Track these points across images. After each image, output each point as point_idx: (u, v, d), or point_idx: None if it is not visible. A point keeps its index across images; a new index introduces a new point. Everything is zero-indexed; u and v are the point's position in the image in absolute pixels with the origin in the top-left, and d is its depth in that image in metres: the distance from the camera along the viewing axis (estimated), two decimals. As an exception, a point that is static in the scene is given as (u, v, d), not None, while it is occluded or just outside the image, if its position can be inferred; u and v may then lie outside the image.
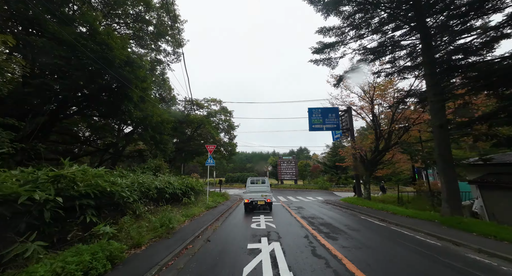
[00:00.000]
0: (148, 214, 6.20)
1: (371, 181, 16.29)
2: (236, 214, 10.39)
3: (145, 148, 15.28)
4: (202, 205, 11.35)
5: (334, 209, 11.46)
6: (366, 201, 13.07)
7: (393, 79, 12.92)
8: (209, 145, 13.88)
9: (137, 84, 10.07)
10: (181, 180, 10.93)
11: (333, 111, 16.80)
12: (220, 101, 22.67)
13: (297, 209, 11.65)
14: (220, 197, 16.58)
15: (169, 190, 8.61)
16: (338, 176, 30.61)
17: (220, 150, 24.38)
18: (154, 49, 17.52)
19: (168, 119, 13.44)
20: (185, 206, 10.29)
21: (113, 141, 13.15)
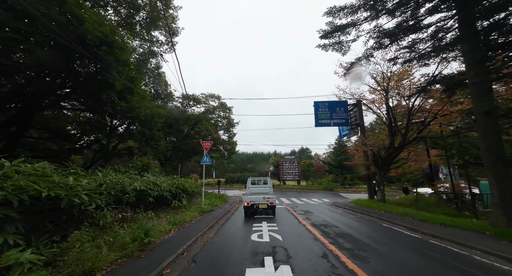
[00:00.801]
0: (116, 225, 4.79)
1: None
2: (234, 219, 8.99)
3: (135, 145, 13.91)
4: (196, 209, 9.96)
5: (347, 214, 10.02)
6: (381, 204, 11.61)
7: (411, 66, 11.47)
8: (205, 142, 12.48)
9: (120, 70, 8.70)
10: (171, 181, 9.55)
11: (342, 105, 15.36)
12: (219, 96, 21.31)
13: (304, 213, 10.22)
14: (217, 199, 15.18)
15: (153, 192, 7.21)
16: (344, 176, 29.14)
17: (219, 148, 23.00)
18: (147, 40, 16.20)
19: (160, 114, 12.06)
20: (175, 211, 8.90)
21: (98, 138, 11.81)
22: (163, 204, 8.54)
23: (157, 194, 7.42)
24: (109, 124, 11.93)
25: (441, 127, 11.91)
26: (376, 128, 20.19)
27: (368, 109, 15.64)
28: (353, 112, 16.49)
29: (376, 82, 13.12)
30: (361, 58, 11.23)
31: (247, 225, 7.54)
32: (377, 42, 10.49)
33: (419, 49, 10.26)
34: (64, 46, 6.70)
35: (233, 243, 5.40)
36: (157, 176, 9.70)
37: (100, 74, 8.22)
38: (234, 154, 23.42)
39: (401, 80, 12.56)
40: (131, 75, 10.18)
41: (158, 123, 12.90)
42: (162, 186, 8.07)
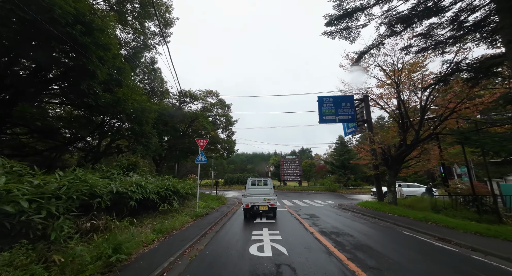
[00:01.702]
0: (75, 238, 3.74)
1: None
2: (231, 225, 7.94)
3: (124, 143, 12.86)
4: (189, 213, 8.93)
5: (357, 218, 8.97)
6: (393, 207, 10.57)
7: (426, 56, 10.45)
8: (200, 139, 11.46)
9: (102, 57, 7.68)
10: (161, 182, 8.51)
11: (348, 100, 14.33)
12: (217, 93, 20.26)
13: (310, 217, 9.17)
14: (214, 201, 14.15)
15: (136, 195, 6.17)
16: (347, 177, 28.08)
17: (217, 147, 21.96)
18: (140, 32, 15.19)
19: (151, 108, 11.03)
20: (164, 216, 7.86)
21: (82, 135, 10.76)
22: (150, 208, 7.50)
23: (141, 196, 6.38)
24: (96, 120, 10.88)
25: (458, 123, 10.89)
26: (383, 125, 19.18)
27: (376, 105, 14.61)
28: (359, 108, 15.48)
29: (386, 75, 12.09)
30: (371, 46, 10.22)
31: (245, 233, 6.50)
32: (389, 28, 9.50)
33: (437, 35, 9.27)
34: (31, 24, 5.69)
35: (227, 258, 4.35)
36: (145, 176, 8.68)
37: (78, 60, 7.21)
38: (233, 153, 22.37)
39: (412, 72, 11.54)
40: (117, 65, 9.18)
41: (150, 119, 11.88)
42: (149, 187, 7.03)
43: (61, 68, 8.11)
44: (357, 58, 11.13)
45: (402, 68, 11.27)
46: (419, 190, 17.92)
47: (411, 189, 18.54)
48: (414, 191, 17.92)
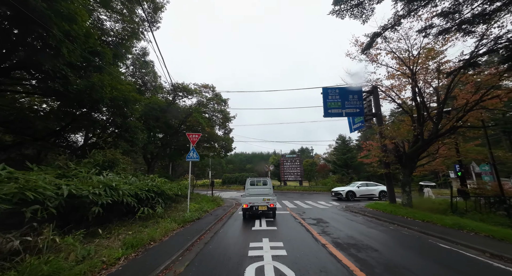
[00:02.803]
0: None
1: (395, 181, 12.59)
2: (225, 233, 6.65)
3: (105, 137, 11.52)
4: (177, 218, 7.64)
5: (373, 224, 7.70)
6: (409, 210, 9.34)
7: (447, 39, 9.20)
8: (191, 133, 10.17)
9: (69, 32, 6.38)
10: (142, 182, 7.21)
11: (355, 91, 13.08)
12: (213, 87, 18.96)
13: (317, 223, 7.90)
14: (209, 203, 12.84)
15: (102, 198, 4.87)
16: (350, 176, 26.86)
17: (214, 146, 20.65)
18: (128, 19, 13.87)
19: (136, 99, 9.72)
20: (144, 222, 6.56)
21: (53, 128, 9.45)
22: (126, 213, 6.20)
23: (110, 200, 5.07)
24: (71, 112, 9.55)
25: (483, 114, 9.67)
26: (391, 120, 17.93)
27: (386, 98, 13.36)
28: (366, 101, 14.25)
29: (401, 62, 10.82)
30: (386, 26, 8.96)
31: (241, 245, 5.22)
32: (408, 4, 8.26)
33: (461, 12, 8.04)
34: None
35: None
36: (124, 176, 7.38)
37: (32, 30, 5.90)
38: (230, 151, 21.06)
39: (429, 59, 10.32)
40: (93, 46, 7.89)
41: (136, 112, 10.58)
42: (123, 189, 5.72)
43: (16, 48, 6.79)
44: (369, 42, 9.86)
45: (419, 54, 10.01)
46: (376, 189, 16.96)
47: (369, 187, 17.33)
48: (371, 190, 17.01)
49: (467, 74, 9.00)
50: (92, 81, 7.47)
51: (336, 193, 17.43)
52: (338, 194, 17.21)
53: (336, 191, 17.78)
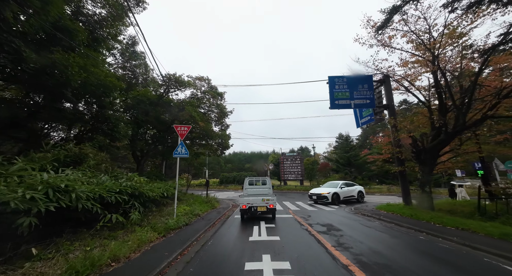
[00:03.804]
0: None
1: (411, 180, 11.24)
2: (215, 246, 5.29)
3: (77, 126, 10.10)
4: (159, 226, 6.29)
5: (398, 233, 6.35)
6: (433, 214, 8.03)
7: (477, 13, 7.87)
8: (179, 125, 8.82)
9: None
10: (110, 182, 5.83)
11: (366, 80, 11.76)
12: (208, 79, 17.58)
13: (327, 231, 6.56)
14: (202, 205, 11.51)
15: (41, 205, 3.50)
16: (353, 175, 25.59)
17: (209, 143, 19.26)
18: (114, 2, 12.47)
19: (114, 85, 8.32)
20: (112, 233, 5.19)
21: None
22: (87, 222, 4.83)
23: (54, 207, 3.71)
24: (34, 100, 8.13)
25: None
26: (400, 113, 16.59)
27: (399, 88, 12.07)
28: (376, 93, 12.94)
29: (421, 43, 9.49)
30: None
31: (233, 267, 3.87)
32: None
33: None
34: None
35: None
36: (91, 174, 6.01)
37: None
38: (228, 148, 19.65)
39: (454, 39, 9.01)
40: (55, 18, 6.52)
41: (115, 101, 9.21)
42: (78, 190, 4.35)
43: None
44: (386, 19, 8.55)
45: (442, 35, 8.68)
46: (355, 189, 15.14)
47: (350, 188, 14.97)
48: (352, 191, 14.86)
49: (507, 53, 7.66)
50: (52, 58, 6.07)
51: (319, 196, 13.59)
52: (321, 197, 13.43)
53: (317, 193, 13.87)
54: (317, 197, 13.79)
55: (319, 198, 13.67)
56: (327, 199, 13.26)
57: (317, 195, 13.87)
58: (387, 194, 23.03)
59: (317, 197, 13.84)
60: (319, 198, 13.70)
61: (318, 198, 13.78)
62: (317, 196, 13.79)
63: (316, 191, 14.61)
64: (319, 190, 14.38)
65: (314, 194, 14.22)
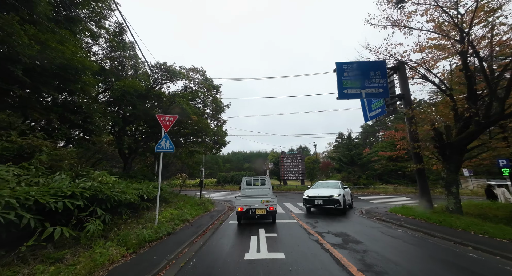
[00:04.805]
0: None
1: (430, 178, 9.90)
2: (199, 267, 3.91)
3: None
4: (130, 238, 4.93)
5: (437, 247, 5.02)
6: (465, 219, 6.71)
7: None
8: (162, 115, 7.44)
9: None
10: (59, 183, 4.44)
11: (378, 67, 10.42)
12: (203, 70, 16.20)
13: (344, 243, 5.21)
14: (194, 208, 10.16)
15: None
16: (357, 175, 24.31)
17: (205, 140, 17.88)
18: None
19: (83, 65, 6.91)
20: (60, 252, 3.81)
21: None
22: (12, 240, 3.45)
23: None
24: None
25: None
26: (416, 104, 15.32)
27: (414, 76, 10.78)
28: (388, 82, 11.61)
29: (448, 20, 8.15)
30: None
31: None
32: None
33: None
34: None
35: None
36: (41, 171, 4.63)
37: None
38: (224, 146, 18.27)
39: (486, 14, 7.69)
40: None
41: (88, 85, 7.80)
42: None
43: None
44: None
45: (476, 7, 7.33)
46: (348, 192, 11.86)
47: (346, 189, 11.43)
48: (348, 193, 11.46)
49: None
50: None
51: (328, 201, 9.43)
52: (331, 201, 9.38)
53: (322, 196, 9.66)
54: (324, 201, 9.46)
55: (328, 203, 9.39)
56: (339, 204, 9.24)
57: (323, 199, 9.51)
58: (393, 194, 21.80)
59: (323, 201, 9.49)
60: (327, 203, 9.41)
61: (325, 203, 9.44)
62: (324, 200, 9.47)
63: (317, 192, 10.12)
64: (322, 192, 10.07)
65: (316, 197, 9.70)
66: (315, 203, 9.75)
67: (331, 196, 9.52)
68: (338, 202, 9.29)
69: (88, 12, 12.04)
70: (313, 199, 9.82)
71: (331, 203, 9.38)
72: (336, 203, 9.29)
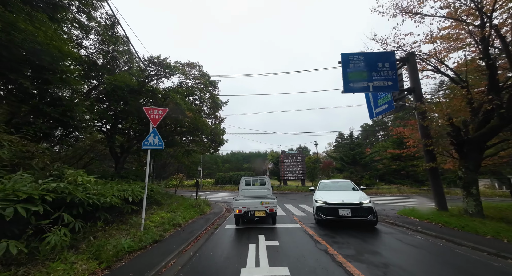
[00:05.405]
0: None
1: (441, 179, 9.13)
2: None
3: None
4: (105, 250, 4.15)
5: (469, 258, 4.22)
6: (492, 224, 5.97)
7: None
8: (150, 107, 6.68)
9: None
10: (28, 183, 3.67)
11: (386, 58, 9.68)
12: (199, 65, 15.42)
13: (358, 253, 4.45)
14: (188, 210, 9.43)
15: None
16: (360, 175, 23.59)
17: (202, 139, 17.09)
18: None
19: (61, 50, 6.13)
20: (5, 273, 3.03)
21: None
22: None
23: None
24: None
25: None
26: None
27: (424, 68, 10.05)
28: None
29: (469, 3, 7.41)
30: None
31: None
32: None
33: None
34: None
35: None
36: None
37: None
38: (222, 144, 17.48)
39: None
40: None
41: (67, 75, 7.01)
42: None
43: None
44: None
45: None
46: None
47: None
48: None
49: None
50: None
51: (358, 209, 6.49)
52: (362, 210, 6.46)
53: (348, 203, 6.60)
54: (353, 210, 6.41)
55: (358, 213, 6.39)
56: (373, 215, 6.44)
57: (351, 208, 6.44)
58: (397, 194, 21.08)
59: (352, 210, 6.40)
60: (357, 214, 6.38)
61: (355, 214, 6.37)
62: (353, 209, 6.41)
63: (336, 197, 7.02)
64: (344, 196, 7.02)
65: (341, 205, 6.58)
66: (339, 213, 6.41)
67: (360, 203, 6.45)
68: (372, 211, 6.42)
69: (77, 2, 11.28)
70: (336, 207, 6.54)
71: (363, 213, 6.34)
72: (370, 213, 6.37)
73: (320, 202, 7.03)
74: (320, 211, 6.92)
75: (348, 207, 6.52)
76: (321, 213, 6.83)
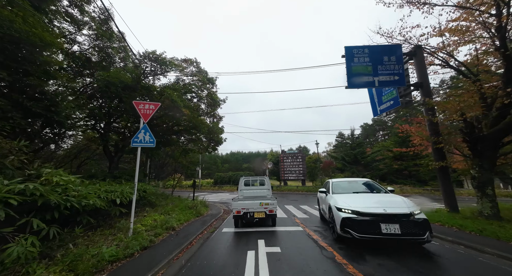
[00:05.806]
0: None
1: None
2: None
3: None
4: (82, 260, 3.64)
5: (498, 269, 3.80)
6: (509, 227, 5.47)
7: None
8: (140, 102, 6.18)
9: None
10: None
11: (393, 51, 9.20)
12: (197, 62, 14.93)
13: (370, 263, 3.96)
14: (184, 212, 8.95)
15: None
16: (362, 175, 23.10)
17: (200, 138, 16.58)
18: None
19: (42, 39, 5.62)
20: None
21: None
22: None
23: None
24: None
25: None
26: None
27: (432, 63, 9.58)
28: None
29: None
30: None
31: None
32: None
33: None
34: None
35: None
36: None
37: None
38: (220, 143, 16.97)
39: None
40: None
41: (50, 66, 6.50)
42: None
43: None
44: None
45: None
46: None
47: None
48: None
49: None
50: None
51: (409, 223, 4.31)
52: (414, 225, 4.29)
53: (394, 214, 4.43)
54: (402, 226, 4.30)
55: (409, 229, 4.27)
56: (430, 230, 4.39)
57: (401, 221, 4.34)
58: (400, 195, 20.62)
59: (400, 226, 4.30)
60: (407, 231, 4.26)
61: (404, 231, 4.25)
62: (402, 224, 4.32)
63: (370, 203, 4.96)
64: (382, 203, 4.97)
65: (382, 216, 4.43)
66: (381, 230, 4.28)
67: (411, 213, 4.45)
68: (428, 226, 4.37)
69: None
70: (376, 219, 4.41)
71: (417, 230, 4.26)
72: (426, 228, 4.31)
73: (348, 211, 4.71)
74: (348, 226, 4.54)
75: (395, 220, 4.32)
76: (351, 229, 4.47)
